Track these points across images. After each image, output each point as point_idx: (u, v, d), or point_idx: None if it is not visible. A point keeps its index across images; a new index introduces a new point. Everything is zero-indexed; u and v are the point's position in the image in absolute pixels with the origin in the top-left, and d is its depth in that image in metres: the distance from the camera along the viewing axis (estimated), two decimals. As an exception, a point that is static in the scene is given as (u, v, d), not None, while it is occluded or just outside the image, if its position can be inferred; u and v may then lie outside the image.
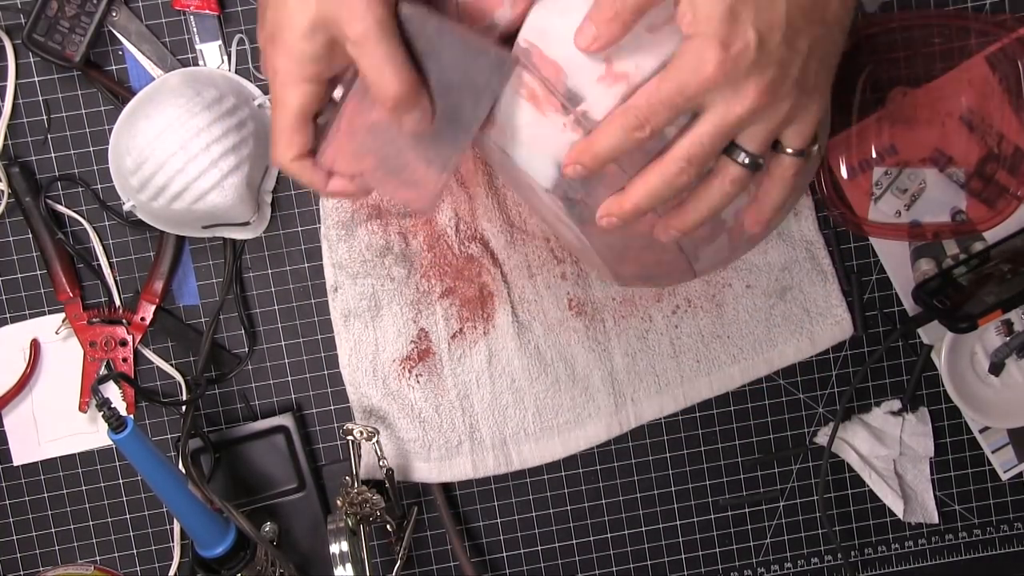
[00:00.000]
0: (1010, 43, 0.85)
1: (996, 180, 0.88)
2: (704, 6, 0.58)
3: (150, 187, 0.79)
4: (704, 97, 0.60)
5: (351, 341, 0.87)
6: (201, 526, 0.81)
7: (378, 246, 0.85)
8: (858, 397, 0.92)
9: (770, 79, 0.60)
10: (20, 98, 0.85)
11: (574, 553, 0.92)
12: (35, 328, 0.87)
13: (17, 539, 0.90)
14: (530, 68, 0.64)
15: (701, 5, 0.58)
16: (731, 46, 0.58)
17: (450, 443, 0.88)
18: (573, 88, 0.62)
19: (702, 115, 0.61)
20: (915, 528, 0.94)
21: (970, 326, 0.85)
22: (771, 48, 0.59)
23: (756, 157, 0.62)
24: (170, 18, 0.85)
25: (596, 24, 0.60)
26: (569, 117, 0.63)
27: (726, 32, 0.58)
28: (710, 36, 0.58)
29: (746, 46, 0.58)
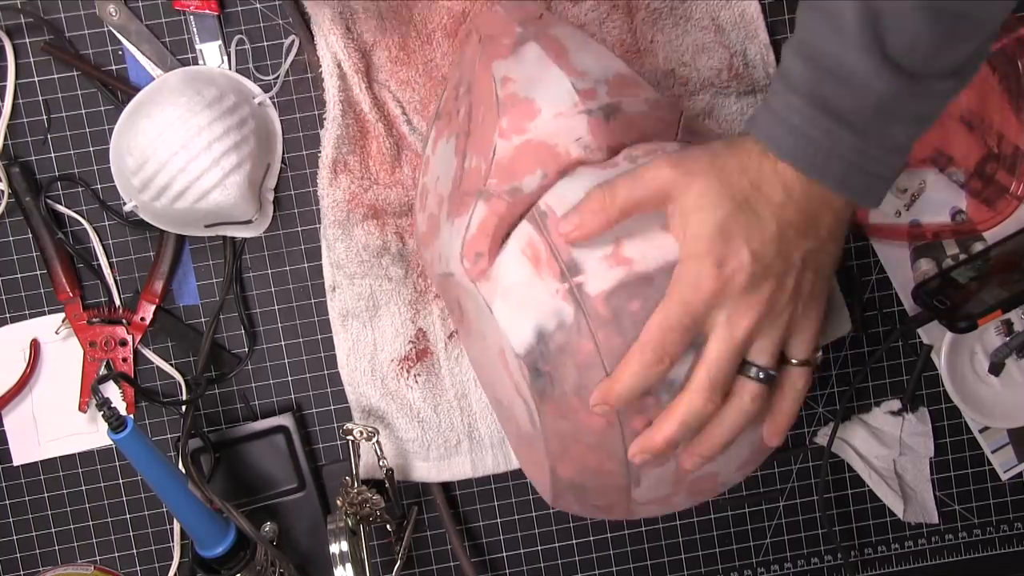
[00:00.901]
0: (1010, 43, 0.85)
1: (996, 180, 0.88)
2: (694, 225, 0.61)
3: (152, 187, 0.79)
4: (708, 316, 0.62)
5: (349, 341, 0.87)
6: (201, 526, 0.81)
7: (375, 246, 0.85)
8: (858, 397, 0.92)
9: (768, 293, 0.62)
10: (20, 98, 0.85)
11: (574, 553, 0.92)
12: (35, 328, 0.87)
13: (17, 539, 0.90)
14: (542, 230, 0.64)
15: (691, 224, 0.61)
16: (726, 264, 0.60)
17: (449, 443, 0.88)
18: (576, 259, 0.63)
19: (709, 339, 0.62)
20: (915, 528, 0.94)
21: (970, 326, 0.85)
22: (765, 263, 0.61)
23: (769, 371, 0.64)
24: (170, 18, 0.85)
25: (581, 213, 0.62)
26: (564, 285, 0.63)
27: (719, 250, 0.60)
28: (704, 255, 0.60)
29: (740, 263, 0.60)
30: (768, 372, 0.64)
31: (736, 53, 0.85)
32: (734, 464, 0.71)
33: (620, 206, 0.62)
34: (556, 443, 0.67)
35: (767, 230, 0.61)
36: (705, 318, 0.62)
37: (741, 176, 0.61)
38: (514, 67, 0.69)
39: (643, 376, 0.62)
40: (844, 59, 0.58)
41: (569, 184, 0.65)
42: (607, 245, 0.63)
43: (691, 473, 0.68)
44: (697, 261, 0.61)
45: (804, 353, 0.66)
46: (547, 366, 0.64)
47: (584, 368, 0.64)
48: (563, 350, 0.63)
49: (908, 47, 0.57)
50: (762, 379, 0.64)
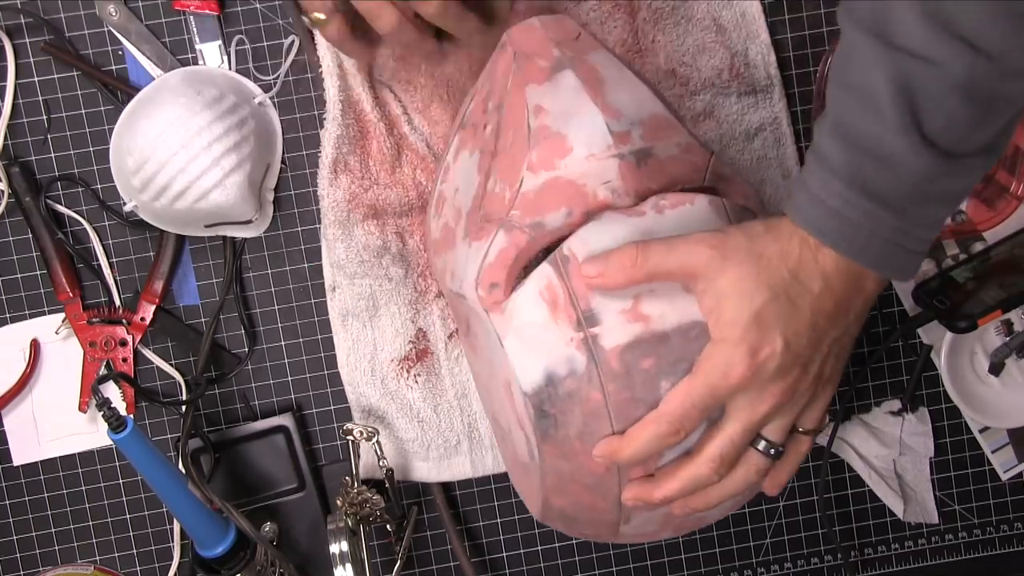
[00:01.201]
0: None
1: (996, 180, 0.88)
2: (730, 311, 0.61)
3: (152, 187, 0.79)
4: (731, 399, 0.63)
5: (349, 341, 0.87)
6: (201, 526, 0.81)
7: (375, 246, 0.85)
8: (858, 397, 0.92)
9: (794, 379, 0.63)
10: (20, 98, 0.85)
11: (574, 553, 0.92)
12: (35, 328, 0.87)
13: (17, 539, 0.89)
14: (563, 275, 0.64)
15: (727, 309, 0.61)
16: (759, 353, 0.60)
17: (449, 443, 0.88)
18: (595, 309, 0.63)
19: (728, 416, 0.64)
20: (915, 528, 0.94)
21: (970, 326, 0.85)
22: (796, 352, 0.62)
23: (778, 446, 0.66)
24: (170, 18, 0.85)
25: (609, 263, 0.62)
26: (579, 334, 0.63)
27: (754, 338, 0.60)
28: (737, 342, 0.60)
29: (773, 352, 0.61)
30: (778, 448, 0.66)
31: (737, 53, 0.85)
32: (720, 508, 0.72)
33: (649, 270, 0.62)
34: (553, 478, 0.68)
35: (802, 320, 0.61)
36: (728, 400, 0.63)
37: (780, 264, 0.61)
38: (549, 96, 0.68)
39: (655, 444, 0.63)
40: (883, 141, 0.58)
41: (594, 230, 0.65)
42: (627, 299, 0.63)
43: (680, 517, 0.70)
44: (731, 347, 0.61)
45: (813, 424, 0.67)
46: (553, 409, 0.64)
47: (590, 416, 0.64)
48: (571, 397, 0.64)
49: (944, 127, 0.58)
50: (772, 455, 0.66)
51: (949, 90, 0.57)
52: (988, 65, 0.56)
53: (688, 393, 0.62)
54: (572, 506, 0.70)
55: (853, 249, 0.61)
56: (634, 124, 0.67)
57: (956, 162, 0.59)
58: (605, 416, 0.64)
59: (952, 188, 0.61)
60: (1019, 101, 0.59)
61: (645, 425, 0.63)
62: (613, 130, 0.66)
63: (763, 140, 0.86)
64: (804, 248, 0.61)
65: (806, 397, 0.65)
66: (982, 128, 0.59)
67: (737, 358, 0.60)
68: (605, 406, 0.64)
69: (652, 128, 0.68)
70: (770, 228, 0.62)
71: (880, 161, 0.59)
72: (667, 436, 0.63)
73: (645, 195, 0.66)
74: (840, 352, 0.66)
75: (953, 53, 0.56)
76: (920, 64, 0.57)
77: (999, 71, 0.56)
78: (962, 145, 0.59)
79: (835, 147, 0.60)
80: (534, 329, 0.64)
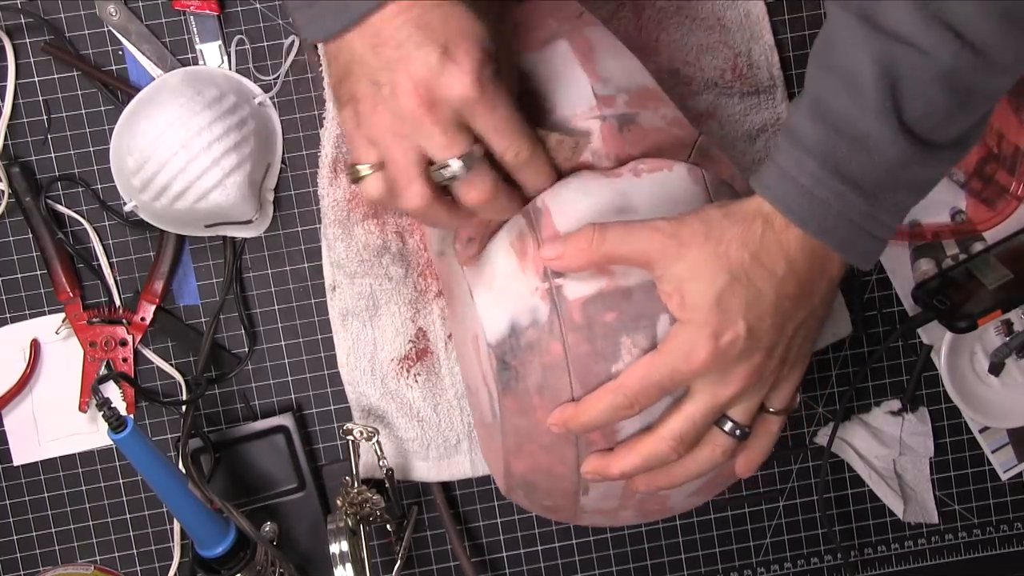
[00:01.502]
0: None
1: (996, 180, 0.88)
2: (692, 293, 0.60)
3: (152, 187, 0.79)
4: (693, 380, 0.62)
5: (349, 341, 0.87)
6: (201, 526, 0.81)
7: (375, 246, 0.85)
8: (858, 397, 0.92)
9: (759, 363, 0.62)
10: (20, 98, 0.85)
11: (574, 553, 0.92)
12: (35, 328, 0.87)
13: (17, 539, 0.89)
14: (534, 225, 0.64)
15: (689, 292, 0.60)
16: (721, 336, 0.60)
17: (449, 442, 0.88)
18: None
19: (691, 395, 0.63)
20: (915, 528, 0.94)
21: (970, 326, 0.85)
22: (759, 336, 0.61)
23: (744, 427, 0.65)
24: (170, 18, 0.85)
25: (567, 244, 0.62)
26: (544, 285, 0.63)
27: (716, 322, 0.60)
28: (700, 325, 0.60)
29: (736, 336, 0.60)
30: (744, 429, 0.65)
31: (740, 54, 0.85)
32: (685, 491, 0.71)
33: (604, 253, 0.61)
34: (512, 438, 0.67)
35: (765, 304, 0.61)
36: (689, 382, 0.62)
37: (741, 248, 0.60)
38: (541, 62, 0.68)
39: (609, 415, 0.63)
40: (860, 122, 0.58)
41: (569, 186, 0.65)
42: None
43: (641, 492, 0.69)
44: (694, 329, 0.60)
45: (782, 404, 0.67)
46: (515, 360, 0.64)
47: (549, 369, 0.64)
48: (532, 347, 0.64)
49: (922, 115, 0.58)
50: (737, 435, 0.65)
51: (933, 78, 0.57)
52: (973, 57, 0.56)
53: (649, 370, 0.61)
54: (531, 471, 0.69)
55: (821, 230, 0.60)
56: (620, 90, 0.67)
57: (929, 151, 0.59)
58: (563, 368, 0.63)
59: (923, 177, 0.61)
60: (995, 97, 0.60)
61: (602, 394, 0.62)
62: (598, 93, 0.66)
63: (765, 141, 0.86)
64: (767, 230, 0.61)
65: (772, 379, 0.64)
66: (957, 120, 0.59)
67: (700, 342, 0.60)
68: (564, 358, 0.63)
69: (639, 97, 0.68)
70: (729, 213, 0.62)
71: (856, 143, 0.58)
72: (622, 408, 0.62)
73: (625, 160, 0.66)
74: (807, 333, 0.65)
75: (941, 42, 0.56)
76: (907, 49, 0.57)
77: (982, 65, 0.57)
78: (937, 134, 0.59)
79: (811, 126, 0.60)
80: (503, 279, 0.65)
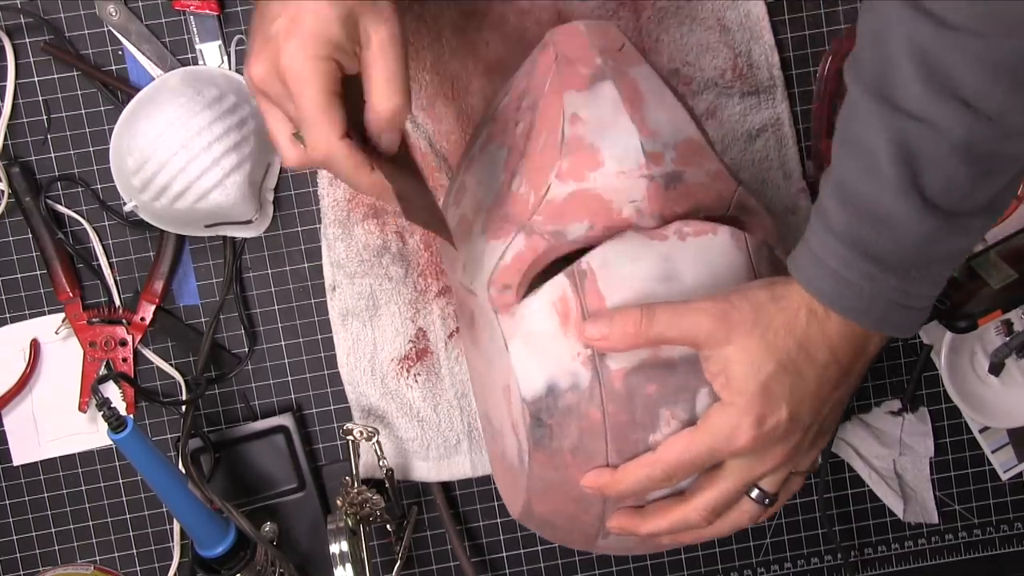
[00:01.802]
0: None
1: (996, 180, 0.88)
2: (738, 378, 0.61)
3: (152, 187, 0.79)
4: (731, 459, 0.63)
5: (349, 340, 0.87)
6: (201, 526, 0.81)
7: (375, 245, 0.85)
8: (858, 397, 0.92)
9: (795, 443, 0.63)
10: (20, 98, 0.85)
11: (574, 553, 0.92)
12: (35, 328, 0.87)
13: (17, 539, 0.89)
14: (578, 289, 0.64)
15: (735, 376, 0.61)
16: (765, 422, 0.61)
17: (448, 442, 0.88)
18: None
19: (727, 470, 0.64)
20: (915, 528, 0.94)
21: (970, 326, 0.85)
22: (799, 420, 0.62)
23: (772, 496, 0.66)
24: (170, 18, 0.85)
25: (612, 325, 0.62)
26: (586, 351, 0.63)
27: (760, 407, 0.60)
28: (744, 409, 0.61)
29: (778, 422, 0.61)
30: (772, 498, 0.66)
31: (740, 54, 0.85)
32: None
33: (652, 337, 0.61)
34: (539, 485, 0.68)
35: (807, 390, 0.61)
36: (727, 460, 0.64)
37: (787, 337, 0.61)
38: (587, 105, 0.67)
39: (645, 487, 0.64)
40: (880, 201, 0.58)
41: (614, 248, 0.64)
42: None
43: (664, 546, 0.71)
44: (738, 413, 0.61)
45: (806, 467, 0.68)
46: (551, 420, 0.65)
47: (587, 433, 0.64)
48: (570, 411, 0.64)
49: (945, 189, 0.57)
50: (764, 503, 0.66)
51: (948, 152, 0.56)
52: (987, 126, 0.56)
53: (688, 447, 0.62)
54: (553, 514, 0.70)
55: (855, 311, 0.60)
56: (668, 146, 0.66)
57: (957, 222, 0.58)
58: (601, 435, 0.64)
59: (955, 247, 0.60)
60: (1021, 160, 0.59)
61: (639, 466, 0.63)
62: (647, 150, 0.65)
63: (765, 141, 0.86)
64: (811, 319, 0.61)
65: (805, 454, 0.66)
66: (983, 188, 0.58)
67: (744, 426, 0.61)
68: (603, 425, 0.64)
69: (685, 152, 0.67)
70: (775, 298, 0.62)
71: (879, 223, 0.58)
72: (659, 481, 0.63)
73: (669, 218, 0.66)
74: (840, 408, 0.66)
75: (951, 114, 0.55)
76: (919, 126, 0.56)
77: (999, 132, 0.56)
78: (963, 205, 0.58)
79: (835, 207, 0.60)
80: (542, 338, 0.64)
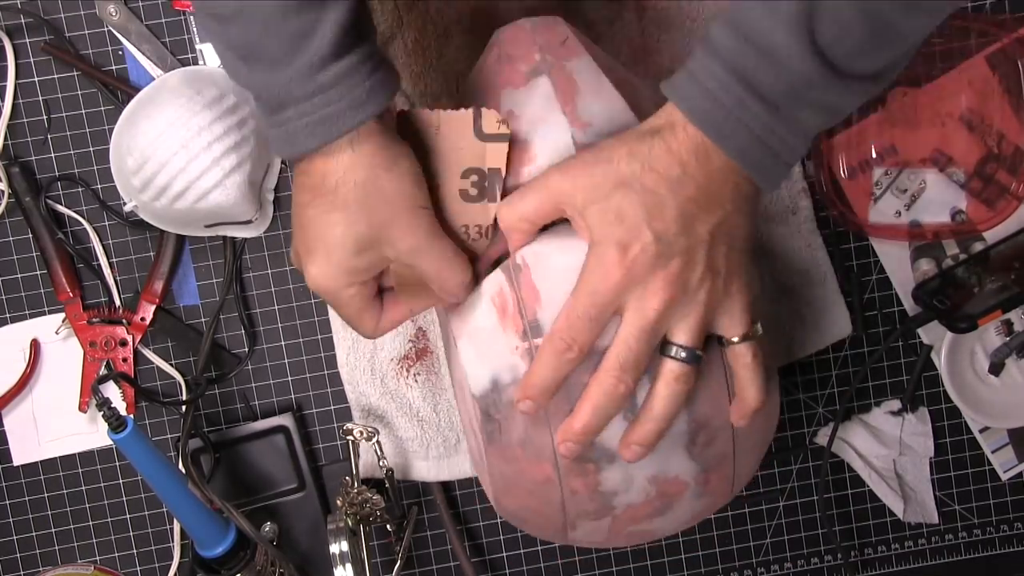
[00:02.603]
0: (1010, 43, 0.85)
1: (996, 180, 0.88)
2: (592, 215, 0.61)
3: (152, 187, 0.79)
4: (618, 301, 0.61)
5: (349, 340, 0.87)
6: (201, 526, 0.81)
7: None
8: (858, 397, 0.92)
9: (677, 270, 0.61)
10: (20, 98, 0.85)
11: (574, 553, 0.92)
12: (35, 328, 0.87)
13: (17, 539, 0.89)
14: (513, 283, 0.64)
15: (590, 215, 0.61)
16: (629, 247, 0.60)
17: (448, 442, 0.88)
18: (540, 321, 0.64)
19: (621, 320, 0.62)
20: (915, 528, 0.94)
21: (970, 326, 0.85)
22: (669, 239, 0.60)
23: (692, 350, 0.63)
24: (170, 18, 0.85)
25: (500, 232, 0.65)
26: (524, 344, 0.64)
27: (620, 234, 0.60)
28: (606, 241, 0.60)
29: (644, 243, 0.60)
30: (691, 351, 0.63)
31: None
32: (670, 524, 0.72)
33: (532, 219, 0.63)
34: (500, 482, 0.69)
35: (667, 208, 0.60)
36: (613, 305, 0.61)
37: (630, 160, 0.60)
38: (522, 101, 0.67)
39: (555, 366, 0.62)
40: (772, 36, 0.58)
41: (547, 242, 0.65)
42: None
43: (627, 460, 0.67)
44: (601, 248, 0.60)
45: (739, 330, 0.64)
46: (498, 414, 0.65)
47: (531, 424, 0.65)
48: (513, 403, 0.64)
49: (836, 38, 0.58)
50: (684, 358, 0.63)
51: (851, 4, 0.57)
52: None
53: (572, 306, 0.61)
54: (519, 508, 0.71)
55: (720, 134, 0.60)
56: (601, 136, 0.66)
57: (838, 77, 0.59)
58: (545, 424, 0.64)
59: (829, 101, 0.60)
60: (913, 39, 0.60)
61: (541, 351, 0.62)
62: (578, 140, 0.66)
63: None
64: (655, 140, 0.61)
65: (703, 291, 0.62)
66: (871, 54, 0.59)
67: (609, 257, 0.60)
68: (545, 415, 0.64)
69: None
70: (616, 137, 0.62)
71: (764, 54, 0.58)
72: (563, 353, 0.61)
73: None
74: (729, 242, 0.63)
75: None
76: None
77: (905, 3, 0.57)
78: (848, 63, 0.58)
79: (725, 35, 0.60)
80: (484, 334, 0.65)
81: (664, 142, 0.61)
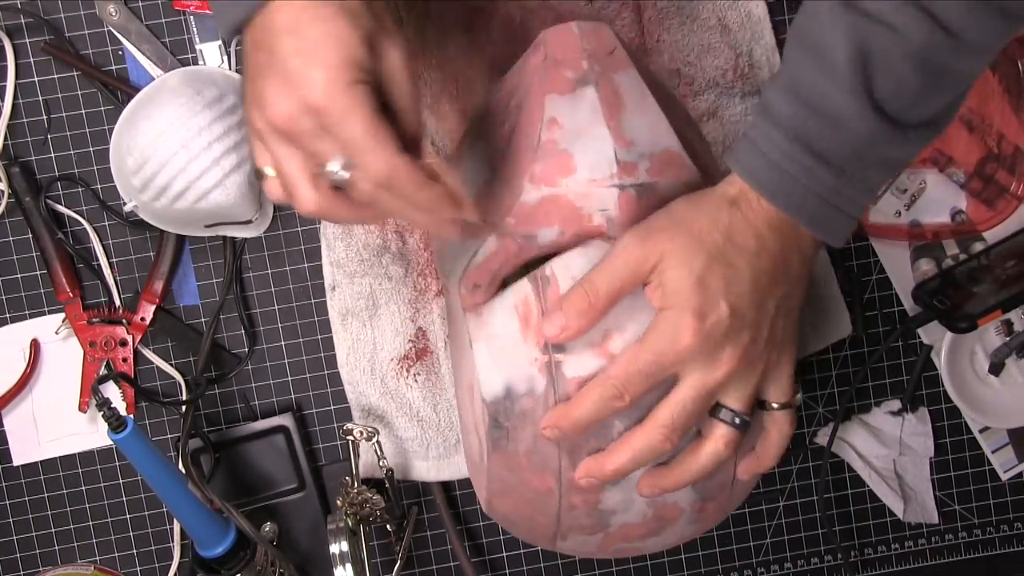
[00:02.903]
0: (1010, 43, 0.85)
1: (996, 180, 0.88)
2: (672, 281, 0.60)
3: (152, 187, 0.79)
4: (680, 366, 0.62)
5: (349, 340, 0.87)
6: (201, 526, 0.81)
7: (375, 245, 0.85)
8: (858, 397, 0.92)
9: (745, 344, 0.62)
10: (20, 98, 0.85)
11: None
12: (35, 328, 0.87)
13: (17, 539, 0.89)
14: (539, 294, 0.64)
15: (669, 280, 0.61)
16: (706, 317, 0.60)
17: (448, 442, 0.88)
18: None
19: (681, 381, 0.62)
20: (915, 528, 0.94)
21: (970, 326, 0.85)
22: (742, 314, 0.61)
23: (743, 416, 0.64)
24: (170, 18, 0.85)
25: (567, 315, 0.62)
26: (544, 358, 0.64)
27: (699, 302, 0.60)
28: (683, 308, 0.60)
29: (720, 317, 0.60)
30: (743, 417, 0.64)
31: (742, 54, 0.85)
32: (659, 545, 0.72)
33: (602, 299, 0.61)
34: (498, 486, 0.69)
35: (743, 281, 0.61)
36: (675, 368, 0.62)
37: (712, 230, 0.61)
38: (566, 110, 0.66)
39: (600, 408, 0.62)
40: (831, 98, 0.58)
41: (580, 256, 0.64)
42: (596, 334, 0.63)
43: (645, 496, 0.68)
44: (677, 314, 0.60)
45: (784, 396, 0.66)
46: (508, 422, 0.65)
47: (540, 438, 0.64)
48: (526, 415, 0.64)
49: (894, 93, 0.58)
50: (736, 424, 0.64)
51: (904, 57, 0.57)
52: (945, 38, 0.57)
53: (635, 356, 0.61)
54: (513, 513, 0.71)
55: (789, 204, 0.61)
56: (643, 156, 0.66)
57: (899, 130, 0.59)
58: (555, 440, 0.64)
59: (892, 155, 0.61)
60: (967, 80, 0.60)
61: (590, 388, 0.62)
62: (620, 159, 0.65)
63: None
64: (734, 211, 0.61)
65: (762, 364, 0.64)
66: (929, 100, 0.60)
67: (684, 323, 0.60)
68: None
69: (661, 163, 0.66)
70: (693, 203, 0.62)
71: (826, 119, 0.59)
72: (612, 399, 0.61)
73: None
74: (789, 314, 0.64)
75: (914, 21, 0.57)
76: (880, 28, 0.57)
77: (954, 46, 0.57)
78: (907, 114, 0.59)
79: (783, 101, 0.60)
80: (503, 341, 0.65)
81: (741, 213, 0.61)
